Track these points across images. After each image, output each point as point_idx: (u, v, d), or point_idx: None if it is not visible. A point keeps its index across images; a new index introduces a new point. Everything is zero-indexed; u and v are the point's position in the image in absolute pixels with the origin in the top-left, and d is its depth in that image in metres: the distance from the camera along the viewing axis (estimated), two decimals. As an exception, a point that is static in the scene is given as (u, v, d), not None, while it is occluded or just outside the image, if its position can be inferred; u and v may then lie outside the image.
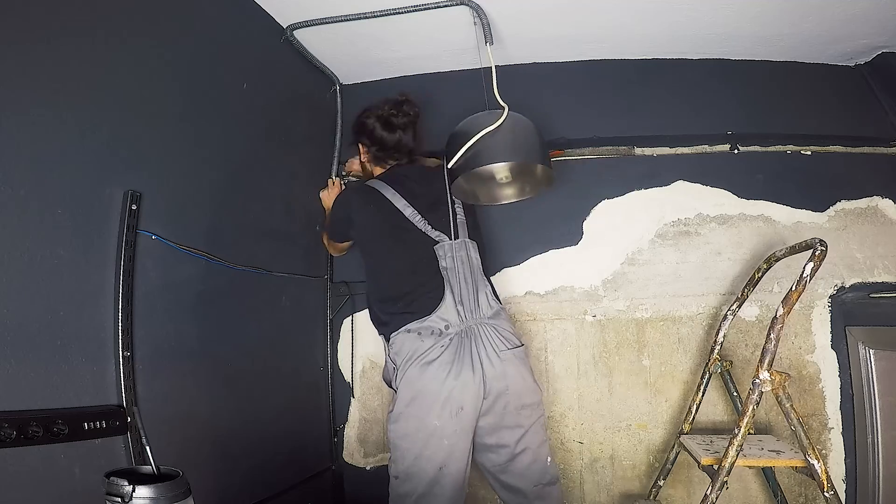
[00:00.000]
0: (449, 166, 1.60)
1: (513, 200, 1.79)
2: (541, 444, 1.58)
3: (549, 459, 1.59)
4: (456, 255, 1.60)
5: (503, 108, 1.57)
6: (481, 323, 1.54)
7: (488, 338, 1.52)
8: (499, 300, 1.64)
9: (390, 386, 1.60)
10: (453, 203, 1.69)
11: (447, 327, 1.52)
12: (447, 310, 1.53)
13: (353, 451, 2.15)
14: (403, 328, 1.54)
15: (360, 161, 1.86)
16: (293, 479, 1.83)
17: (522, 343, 1.60)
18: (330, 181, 2.08)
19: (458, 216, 1.68)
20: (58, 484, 1.03)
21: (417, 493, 1.46)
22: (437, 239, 1.61)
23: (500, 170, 1.66)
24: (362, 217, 1.67)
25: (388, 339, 1.59)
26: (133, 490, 0.82)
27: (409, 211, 1.63)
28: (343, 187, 2.05)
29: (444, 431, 1.46)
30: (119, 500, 0.82)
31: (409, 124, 1.75)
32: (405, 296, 1.57)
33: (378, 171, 1.80)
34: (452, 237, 1.62)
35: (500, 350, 1.51)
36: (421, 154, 1.85)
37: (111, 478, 0.83)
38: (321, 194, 2.05)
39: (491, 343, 1.51)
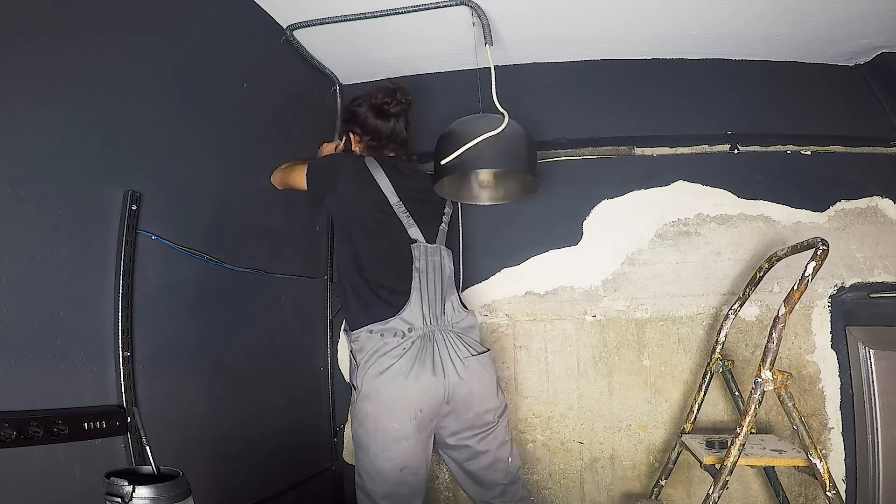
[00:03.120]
0: (443, 163, 1.58)
1: (492, 203, 1.80)
2: (501, 446, 1.59)
3: (510, 460, 1.60)
4: (430, 258, 1.58)
5: (503, 115, 1.56)
6: (445, 330, 1.54)
7: (452, 344, 1.52)
8: (465, 308, 1.63)
9: (351, 382, 1.59)
10: (441, 210, 1.68)
11: (410, 330, 1.50)
12: (412, 312, 1.51)
13: (353, 451, 2.14)
14: (365, 328, 1.51)
15: (343, 150, 1.78)
16: (293, 479, 1.83)
17: (488, 349, 1.61)
18: (335, 143, 1.93)
19: (441, 224, 1.67)
20: (58, 484, 1.03)
21: (381, 493, 1.48)
22: (414, 237, 1.58)
23: (484, 173, 1.66)
24: (350, 189, 1.58)
25: (349, 334, 1.57)
26: (133, 490, 0.82)
27: (394, 200, 1.58)
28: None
29: (404, 433, 1.46)
30: (119, 500, 0.82)
31: (402, 112, 1.71)
32: (372, 289, 1.53)
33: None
34: (429, 240, 1.60)
35: (464, 356, 1.52)
36: (415, 153, 1.84)
37: (111, 478, 0.84)
38: (322, 146, 1.92)
39: (455, 349, 1.52)
